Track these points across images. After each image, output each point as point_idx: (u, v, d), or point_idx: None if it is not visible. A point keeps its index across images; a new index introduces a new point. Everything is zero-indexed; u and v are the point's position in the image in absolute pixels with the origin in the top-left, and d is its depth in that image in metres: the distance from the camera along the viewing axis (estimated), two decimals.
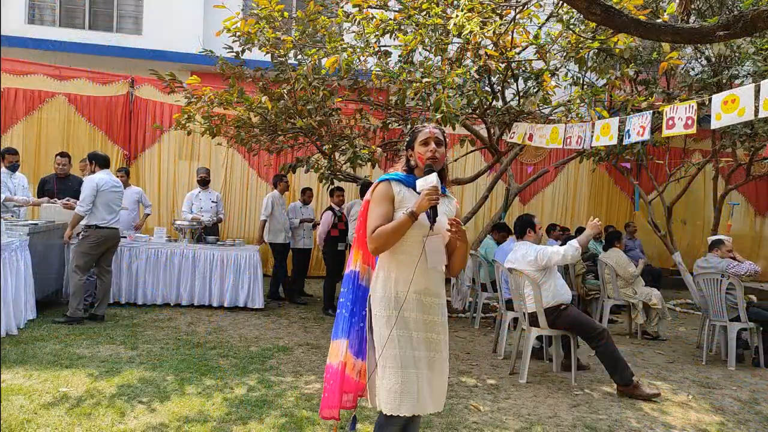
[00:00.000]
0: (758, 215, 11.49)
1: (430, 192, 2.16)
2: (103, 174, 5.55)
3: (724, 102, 3.72)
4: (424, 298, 2.29)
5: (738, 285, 5.09)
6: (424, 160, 2.29)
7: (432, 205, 2.17)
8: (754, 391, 4.48)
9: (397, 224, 2.19)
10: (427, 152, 2.29)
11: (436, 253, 2.26)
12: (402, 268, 2.27)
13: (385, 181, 2.32)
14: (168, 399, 3.63)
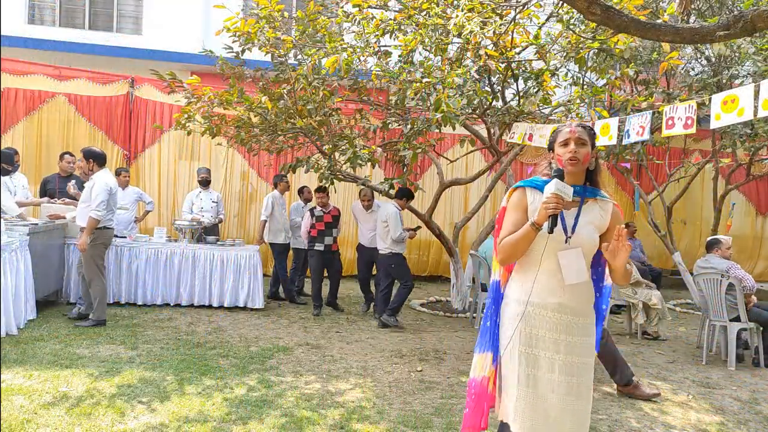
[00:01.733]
0: (759, 215, 11.48)
1: (548, 200, 2.00)
2: (107, 174, 5.52)
3: (724, 102, 3.71)
4: (560, 316, 2.10)
5: (738, 286, 5.08)
6: (563, 163, 2.13)
7: (550, 214, 2.00)
8: (754, 391, 4.48)
9: (520, 235, 2.07)
10: (566, 153, 2.11)
11: (572, 268, 2.08)
12: (537, 284, 2.12)
13: (520, 188, 2.20)
14: (168, 399, 3.63)
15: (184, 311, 6.31)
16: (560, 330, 2.10)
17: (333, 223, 6.80)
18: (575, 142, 2.12)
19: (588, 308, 2.17)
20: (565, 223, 2.10)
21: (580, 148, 2.12)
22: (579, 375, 2.11)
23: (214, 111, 6.04)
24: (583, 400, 2.11)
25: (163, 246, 6.53)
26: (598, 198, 2.19)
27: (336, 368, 4.52)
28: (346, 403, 3.73)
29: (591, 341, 2.16)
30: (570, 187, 2.06)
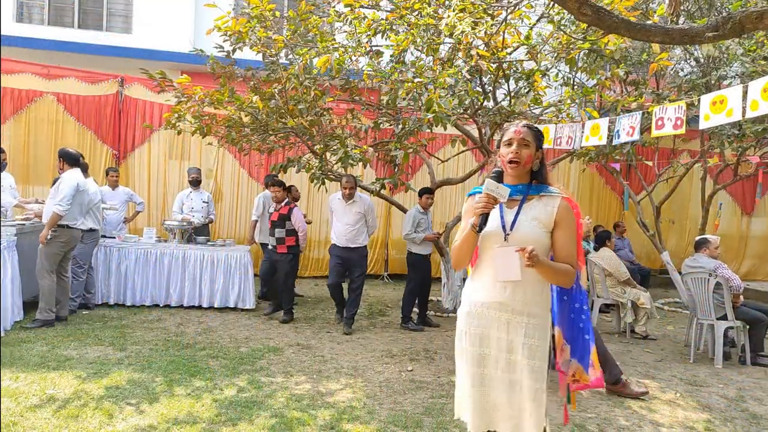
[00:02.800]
0: (744, 215, 11.60)
1: (479, 201, 2.05)
2: (77, 172, 5.48)
3: (713, 103, 3.75)
4: (500, 315, 2.12)
5: (725, 285, 5.13)
6: (504, 163, 2.15)
7: (479, 213, 2.04)
8: (741, 388, 4.53)
9: (462, 238, 2.13)
10: (507, 154, 2.13)
11: (507, 266, 2.07)
12: (479, 280, 2.19)
13: (471, 196, 2.25)
14: (157, 400, 3.60)
15: (173, 312, 6.27)
16: (502, 329, 2.12)
17: (278, 222, 6.18)
18: (518, 143, 2.12)
19: (536, 309, 2.12)
20: (504, 222, 2.11)
21: (522, 150, 2.12)
22: (530, 378, 2.07)
23: (204, 110, 6.01)
24: (535, 403, 2.07)
25: (152, 246, 6.49)
26: (544, 194, 2.17)
27: (326, 368, 4.51)
28: (337, 404, 3.72)
29: (540, 344, 2.10)
30: (505, 187, 2.05)
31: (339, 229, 6.03)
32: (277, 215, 6.22)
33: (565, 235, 2.13)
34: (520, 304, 2.11)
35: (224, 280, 6.48)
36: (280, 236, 6.19)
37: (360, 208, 5.98)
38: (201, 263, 6.50)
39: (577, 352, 2.27)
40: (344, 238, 5.99)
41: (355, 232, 6.00)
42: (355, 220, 5.98)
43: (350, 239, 5.99)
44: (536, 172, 2.20)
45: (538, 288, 2.13)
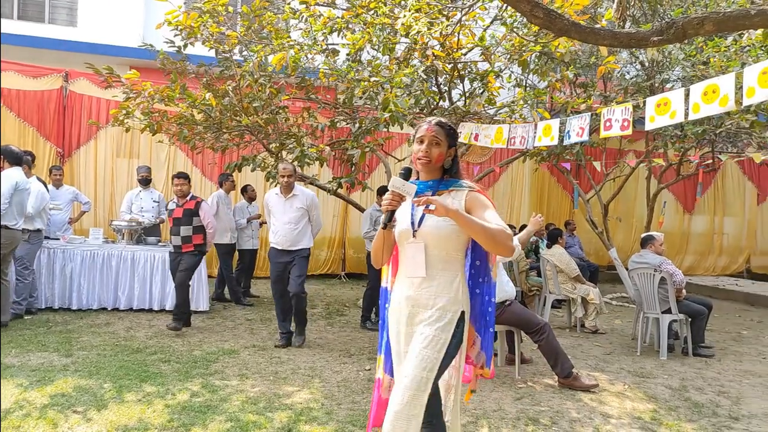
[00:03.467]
0: (686, 212, 12.17)
1: (385, 196, 2.05)
2: (18, 172, 5.22)
3: (657, 105, 3.91)
4: (412, 309, 2.13)
5: (669, 280, 5.36)
6: (414, 160, 2.16)
7: (385, 210, 2.05)
8: (684, 379, 4.74)
9: (377, 236, 2.19)
10: (418, 152, 2.14)
11: (414, 262, 2.11)
12: (397, 277, 2.24)
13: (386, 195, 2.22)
14: (105, 407, 3.47)
15: (122, 315, 6.06)
16: (411, 323, 2.13)
17: (183, 220, 5.56)
18: (429, 141, 2.11)
19: (442, 301, 2.09)
20: (413, 219, 2.12)
21: (433, 148, 2.12)
22: (411, 365, 2.05)
23: (154, 107, 5.82)
24: (416, 390, 2.01)
25: (99, 248, 6.25)
26: (453, 188, 2.15)
27: (283, 370, 4.45)
28: (294, 405, 3.68)
29: (437, 335, 2.06)
30: (411, 184, 2.04)
31: (279, 230, 5.15)
32: (182, 211, 5.56)
33: (480, 212, 2.06)
34: (427, 297, 2.11)
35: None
36: (186, 234, 5.56)
37: (302, 202, 5.15)
38: (152, 265, 6.30)
39: (485, 344, 2.30)
40: (285, 240, 5.12)
41: (298, 232, 5.14)
42: (297, 217, 5.13)
43: (292, 240, 5.12)
44: (448, 169, 2.19)
45: (447, 282, 2.10)
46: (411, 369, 2.04)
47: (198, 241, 5.60)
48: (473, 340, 2.29)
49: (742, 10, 2.82)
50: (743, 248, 12.58)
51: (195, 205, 5.59)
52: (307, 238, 5.26)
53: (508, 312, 4.54)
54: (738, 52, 6.46)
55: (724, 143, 8.58)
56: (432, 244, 2.10)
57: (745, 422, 3.79)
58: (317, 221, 5.39)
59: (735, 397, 4.30)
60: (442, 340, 2.07)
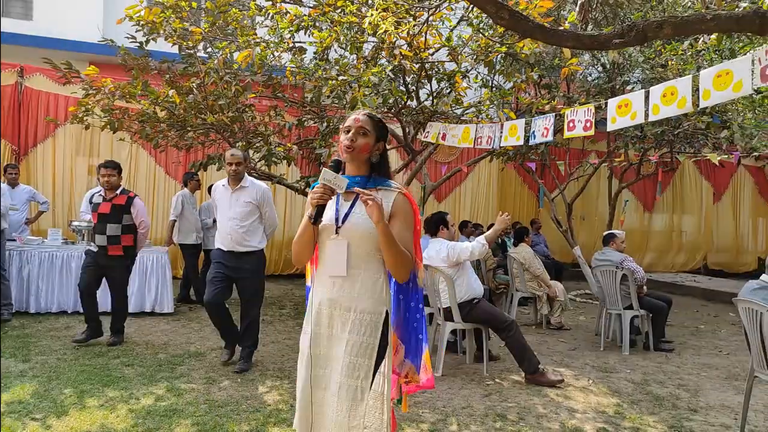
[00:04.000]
0: (646, 211, 12.53)
1: (315, 190, 1.95)
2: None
3: (618, 106, 4.01)
4: (333, 311, 2.04)
5: (630, 277, 5.50)
6: (340, 149, 2.08)
7: (314, 204, 1.95)
8: (645, 373, 4.87)
9: (301, 230, 2.04)
10: (344, 140, 2.05)
11: (335, 260, 2.02)
12: (317, 277, 2.11)
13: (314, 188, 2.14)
14: (66, 414, 3.36)
15: (83, 319, 5.87)
16: (334, 326, 2.04)
17: (111, 216, 4.85)
18: (356, 130, 2.05)
19: (365, 304, 2.02)
20: (338, 214, 2.05)
21: (359, 138, 2.05)
22: (349, 376, 1.98)
23: (115, 104, 5.67)
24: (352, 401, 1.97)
25: (58, 249, 6.05)
26: (382, 188, 2.09)
27: (251, 372, 4.39)
28: (262, 407, 3.64)
29: (365, 340, 2.00)
30: (342, 177, 1.97)
31: (223, 227, 4.44)
32: (110, 206, 4.83)
33: (401, 226, 2.04)
34: (347, 299, 2.02)
35: (140, 284, 6.15)
36: (113, 234, 4.84)
37: (251, 196, 4.41)
38: None
39: (411, 352, 2.23)
40: (230, 239, 4.38)
41: (246, 231, 4.38)
42: (245, 213, 4.38)
43: (238, 240, 4.37)
44: (376, 165, 2.12)
45: (370, 283, 2.03)
46: (344, 378, 1.97)
47: (127, 243, 4.91)
48: (396, 348, 2.21)
49: (698, 15, 2.91)
50: (700, 245, 13.04)
51: (126, 200, 4.90)
52: (258, 239, 4.48)
53: (476, 310, 4.58)
54: (694, 55, 6.69)
55: (681, 144, 8.87)
56: (355, 242, 2.02)
57: (703, 414, 3.92)
58: (271, 219, 4.58)
59: (693, 389, 4.45)
60: (371, 345, 2.00)
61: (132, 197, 4.95)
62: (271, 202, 4.57)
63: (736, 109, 7.55)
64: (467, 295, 4.60)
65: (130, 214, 4.92)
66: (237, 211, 4.38)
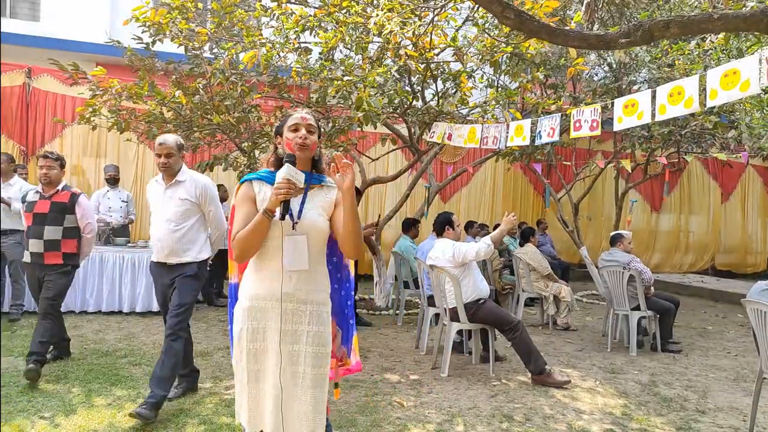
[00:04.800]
0: (654, 211, 12.46)
1: (280, 185, 1.97)
2: None
3: (625, 106, 3.99)
4: (293, 306, 2.08)
5: (638, 277, 5.47)
6: (292, 148, 2.10)
7: (281, 199, 1.98)
8: (653, 374, 4.85)
9: (253, 225, 2.01)
10: (295, 138, 2.09)
11: (296, 255, 2.06)
12: (260, 274, 2.11)
13: (246, 182, 2.16)
14: (74, 412, 3.38)
15: (91, 318, 5.91)
16: (287, 320, 2.08)
17: (49, 218, 4.03)
18: (306, 128, 2.13)
19: (320, 297, 2.14)
20: (291, 210, 2.08)
21: (311, 135, 2.13)
22: (314, 366, 2.07)
23: (122, 105, 5.69)
24: (319, 390, 2.08)
25: None
26: (324, 184, 2.21)
27: None
28: None
29: (323, 330, 2.12)
30: (301, 173, 2.03)
31: (156, 232, 3.61)
32: (48, 205, 4.02)
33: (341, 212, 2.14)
34: (304, 292, 2.09)
35: (146, 284, 6.18)
36: (52, 238, 4.02)
37: (188, 192, 3.56)
38: (120, 266, 6.17)
39: (344, 337, 2.37)
40: (162, 247, 3.57)
41: (181, 237, 3.53)
42: (180, 213, 3.54)
43: (172, 247, 3.54)
44: (317, 162, 2.22)
45: (320, 276, 2.15)
46: (308, 368, 2.06)
47: (69, 249, 4.09)
48: (334, 334, 2.32)
49: (705, 14, 2.89)
50: (708, 246, 12.95)
51: (70, 198, 4.10)
52: (198, 247, 3.62)
53: (482, 310, 4.58)
54: (701, 55, 6.65)
55: (689, 144, 8.82)
56: (311, 237, 2.10)
57: (711, 415, 3.90)
58: (217, 221, 3.72)
59: (702, 391, 4.43)
60: (326, 334, 2.13)
61: (76, 194, 4.15)
62: (216, 201, 3.71)
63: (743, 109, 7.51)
64: (473, 296, 4.59)
65: (74, 214, 4.11)
66: (170, 211, 3.55)
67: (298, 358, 2.07)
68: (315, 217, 2.12)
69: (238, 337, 2.10)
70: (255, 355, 2.08)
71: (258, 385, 2.08)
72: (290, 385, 2.06)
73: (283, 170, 1.99)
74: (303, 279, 2.09)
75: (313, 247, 2.11)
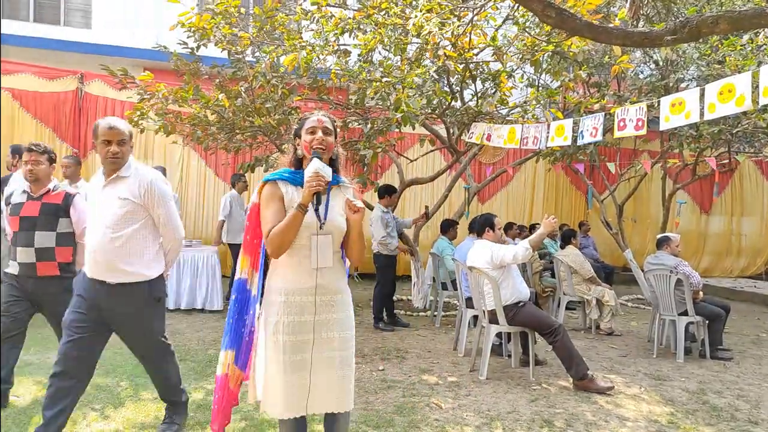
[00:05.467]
0: (703, 213, 12.02)
1: (311, 179, 2.09)
2: None
3: (672, 104, 3.87)
4: (325, 298, 2.25)
5: (686, 281, 5.29)
6: (310, 149, 2.21)
7: (314, 191, 2.10)
8: (701, 382, 4.68)
9: (288, 220, 2.13)
10: (313, 141, 2.21)
11: (323, 253, 2.22)
12: (291, 270, 2.22)
13: (271, 182, 2.24)
14: (122, 405, 3.51)
15: None
16: (320, 311, 2.23)
17: (38, 222, 3.30)
18: (322, 131, 2.22)
19: (342, 285, 2.33)
20: (318, 212, 2.20)
21: (327, 137, 2.23)
22: (342, 349, 2.28)
23: (168, 108, 5.88)
24: (348, 369, 2.31)
25: None
26: (341, 185, 2.34)
27: None
28: None
29: (350, 315, 2.35)
30: (328, 167, 2.15)
31: (92, 242, 2.79)
32: (38, 207, 3.31)
33: None
34: (334, 283, 2.27)
35: (191, 282, 6.37)
36: (45, 245, 3.27)
37: (129, 190, 2.82)
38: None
39: None
40: (96, 258, 2.76)
41: (120, 246, 2.75)
42: (120, 217, 2.77)
43: (109, 261, 2.75)
44: (334, 160, 2.31)
45: (340, 268, 2.33)
46: (338, 352, 2.27)
47: (64, 259, 3.36)
48: None
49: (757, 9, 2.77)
50: (762, 249, 12.40)
51: (64, 198, 3.39)
52: (145, 261, 2.82)
53: (522, 313, 4.51)
54: (754, 50, 6.37)
55: (740, 143, 8.46)
56: (335, 235, 2.26)
57: (764, 426, 3.73)
58: (171, 227, 2.94)
59: (754, 400, 4.24)
60: (351, 318, 2.36)
61: (71, 196, 3.43)
62: (168, 201, 2.93)
63: None
64: (513, 298, 4.54)
65: (69, 217, 3.40)
66: (108, 215, 2.76)
67: (331, 344, 2.25)
68: (338, 218, 2.26)
69: (273, 330, 2.20)
70: (293, 345, 2.19)
71: (296, 373, 2.19)
72: (324, 369, 2.23)
73: (312, 165, 2.11)
74: (329, 273, 2.26)
75: (336, 245, 2.28)
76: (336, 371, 2.26)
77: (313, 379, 2.22)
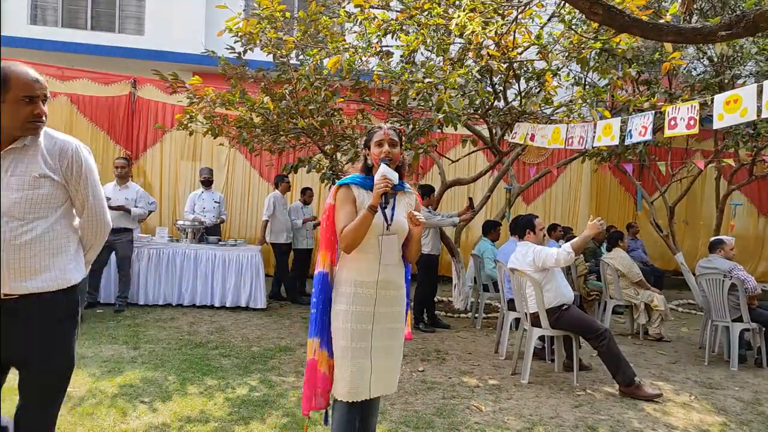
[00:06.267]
0: (761, 215, 11.46)
1: (379, 182, 2.31)
2: None
3: (727, 102, 3.71)
4: (386, 292, 2.44)
5: (740, 287, 5.07)
6: (378, 161, 2.42)
7: (381, 192, 2.30)
8: (757, 391, 4.47)
9: (359, 220, 2.34)
10: (381, 153, 2.42)
11: (390, 251, 2.45)
12: (360, 264, 2.42)
13: (345, 186, 2.45)
14: (170, 399, 3.63)
15: (185, 311, 6.31)
16: (381, 303, 2.43)
17: None
18: (388, 143, 2.43)
19: (401, 281, 2.53)
20: (384, 212, 2.41)
21: (393, 149, 2.44)
22: (396, 339, 2.51)
23: (216, 111, 6.04)
24: (399, 358, 2.56)
25: (165, 246, 6.54)
26: (405, 191, 2.56)
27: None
28: None
29: (404, 309, 2.55)
30: (394, 172, 2.36)
31: None
32: None
33: None
34: (397, 278, 2.49)
35: (236, 280, 6.52)
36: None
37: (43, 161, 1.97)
38: (213, 263, 6.53)
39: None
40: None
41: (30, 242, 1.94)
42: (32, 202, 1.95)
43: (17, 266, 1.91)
44: (399, 167, 2.49)
45: (401, 266, 2.54)
46: (392, 341, 2.49)
47: None
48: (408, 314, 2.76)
49: None
50: None
51: None
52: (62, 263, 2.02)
53: (566, 316, 4.42)
54: None
55: None
56: (399, 236, 2.48)
57: None
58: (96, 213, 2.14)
59: None
60: (404, 312, 2.57)
61: None
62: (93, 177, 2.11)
63: None
64: (556, 301, 4.45)
65: None
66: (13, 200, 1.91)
67: (390, 333, 2.47)
68: (402, 220, 2.47)
69: (343, 317, 2.39)
70: (359, 333, 2.39)
71: (359, 360, 2.38)
72: (382, 357, 2.44)
73: (381, 170, 2.34)
74: (392, 269, 2.47)
75: (399, 244, 2.50)
76: (390, 360, 2.48)
77: (377, 366, 2.41)
